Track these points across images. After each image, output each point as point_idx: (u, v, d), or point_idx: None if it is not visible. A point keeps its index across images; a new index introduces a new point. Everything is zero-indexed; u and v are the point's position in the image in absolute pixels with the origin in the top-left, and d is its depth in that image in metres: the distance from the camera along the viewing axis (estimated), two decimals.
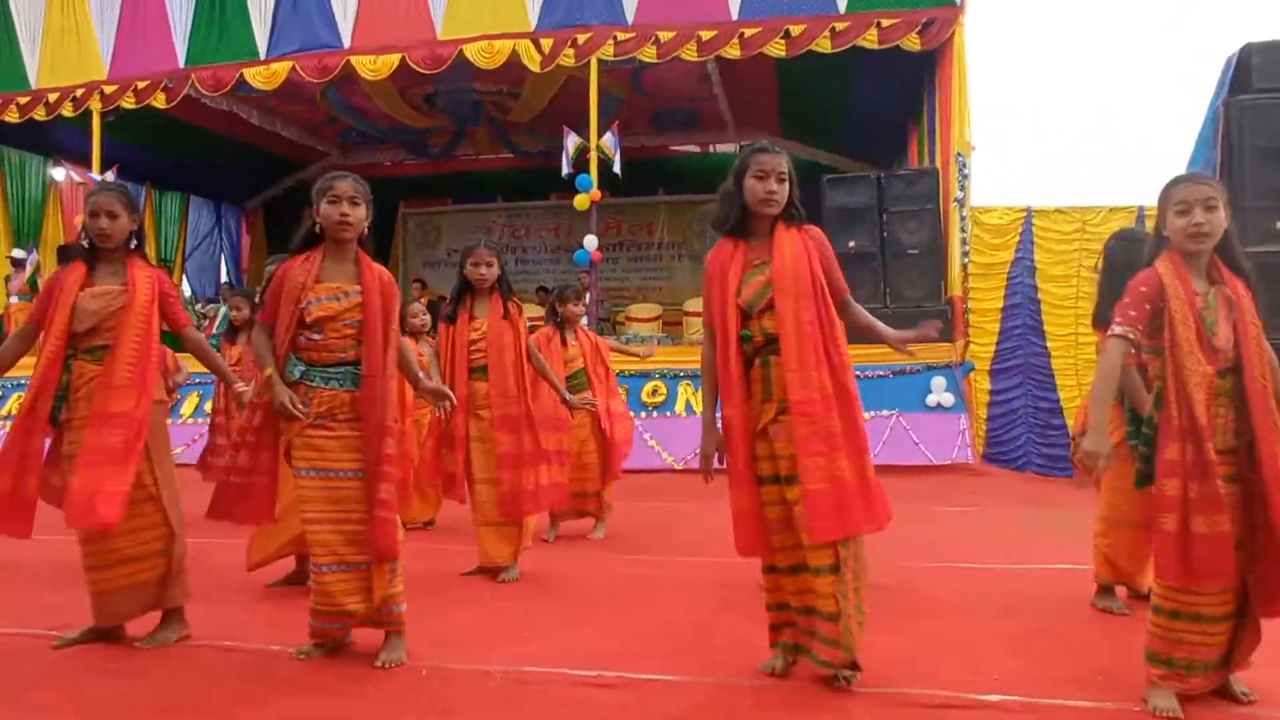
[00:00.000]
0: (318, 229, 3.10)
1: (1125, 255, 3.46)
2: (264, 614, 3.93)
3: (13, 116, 10.79)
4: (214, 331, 11.22)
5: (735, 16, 9.17)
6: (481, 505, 4.43)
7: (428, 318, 6.18)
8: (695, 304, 12.18)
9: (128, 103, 10.46)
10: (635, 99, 12.93)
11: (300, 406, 3.03)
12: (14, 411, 9.12)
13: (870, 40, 8.87)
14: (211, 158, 14.33)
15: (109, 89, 10.47)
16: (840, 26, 8.94)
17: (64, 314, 3.16)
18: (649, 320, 12.17)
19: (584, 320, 11.56)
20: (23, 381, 7.48)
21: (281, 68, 9.99)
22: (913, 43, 8.82)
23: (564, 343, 5.46)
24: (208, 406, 7.71)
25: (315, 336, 3.07)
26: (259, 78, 10.05)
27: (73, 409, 3.21)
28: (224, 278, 16.75)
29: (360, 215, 3.07)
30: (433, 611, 3.78)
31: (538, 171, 15.56)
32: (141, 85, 10.38)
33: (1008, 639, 3.47)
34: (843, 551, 2.76)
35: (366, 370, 3.06)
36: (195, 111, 10.66)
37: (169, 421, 3.84)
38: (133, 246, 3.32)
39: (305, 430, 3.05)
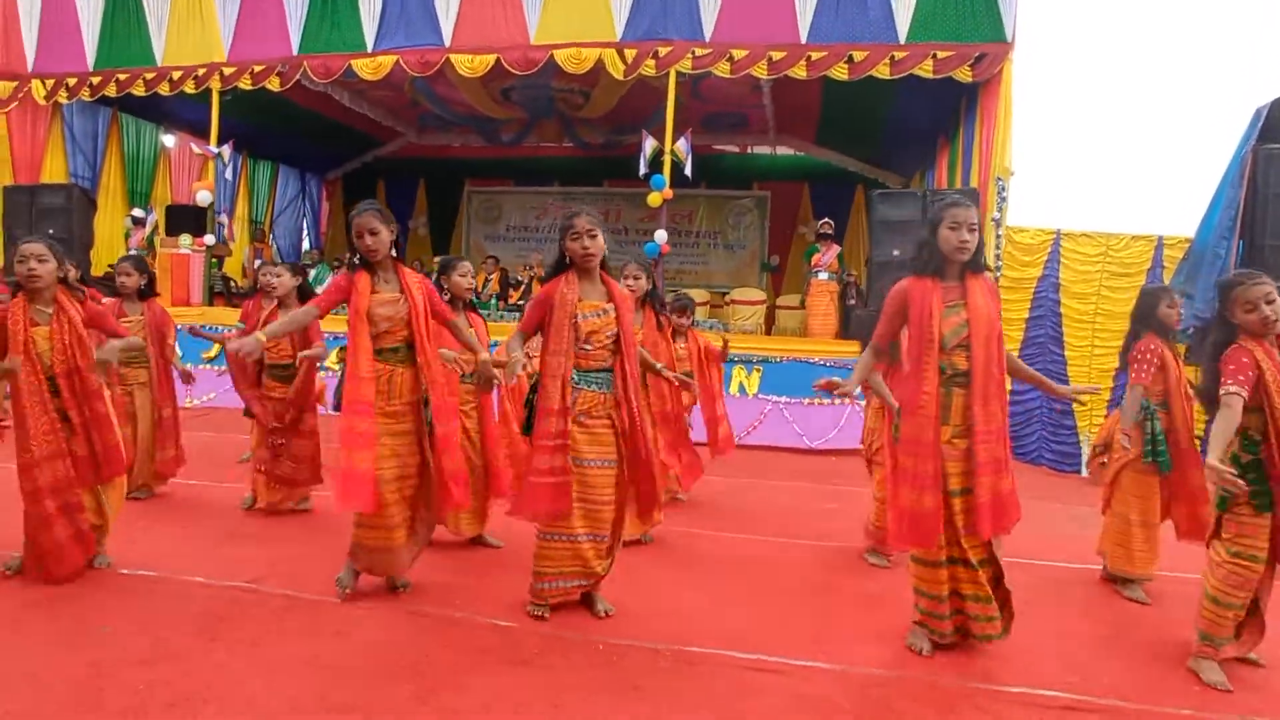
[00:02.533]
0: (568, 260, 3.40)
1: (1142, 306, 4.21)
2: (477, 585, 3.98)
3: (139, 90, 10.70)
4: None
5: (804, 40, 9.05)
6: None
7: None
8: (740, 293, 12.20)
9: (244, 84, 10.38)
10: (692, 103, 12.80)
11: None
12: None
13: (926, 70, 8.78)
14: (302, 132, 14.23)
15: (228, 70, 10.38)
16: (899, 55, 8.84)
17: (364, 321, 3.46)
18: (700, 304, 12.10)
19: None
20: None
21: (387, 61, 9.89)
22: (964, 74, 8.73)
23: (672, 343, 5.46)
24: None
25: (585, 347, 3.36)
26: (366, 69, 9.96)
27: (389, 401, 3.53)
28: (305, 241, 16.71)
29: (600, 245, 3.37)
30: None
31: (593, 161, 15.51)
32: (258, 69, 10.29)
33: (1098, 641, 3.54)
34: (995, 548, 3.13)
35: (625, 371, 3.45)
36: (294, 90, 10.53)
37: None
38: (394, 256, 3.56)
39: (572, 428, 3.38)
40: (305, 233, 16.84)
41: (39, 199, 10.86)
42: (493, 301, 12.08)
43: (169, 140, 13.40)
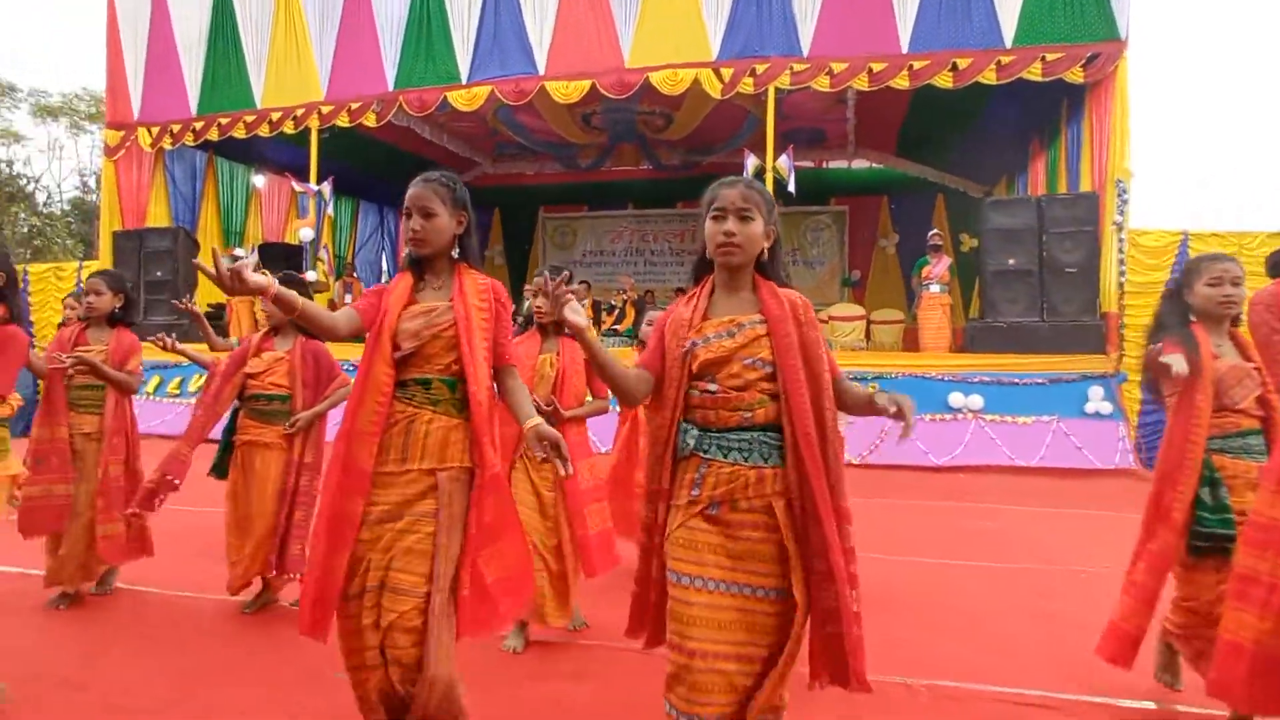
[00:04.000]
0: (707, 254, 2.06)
1: None
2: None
3: (240, 133, 10.95)
4: None
5: (905, 50, 8.89)
6: None
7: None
8: (839, 309, 11.94)
9: (342, 121, 10.55)
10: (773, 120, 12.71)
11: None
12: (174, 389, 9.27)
13: (1034, 73, 8.55)
14: (381, 167, 14.42)
15: (326, 109, 10.57)
16: (1006, 60, 8.62)
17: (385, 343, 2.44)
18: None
19: None
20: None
21: (481, 91, 9.97)
22: (1076, 76, 8.47)
23: None
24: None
25: (708, 389, 1.95)
26: (460, 100, 10.05)
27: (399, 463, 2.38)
28: (384, 275, 16.93)
29: (754, 235, 1.97)
30: None
31: (667, 182, 15.48)
32: (354, 106, 10.45)
33: None
34: None
35: (795, 434, 1.88)
36: (378, 126, 10.66)
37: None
38: (457, 256, 2.39)
39: (688, 522, 1.93)
40: (384, 266, 17.07)
41: (146, 243, 11.17)
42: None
43: (259, 181, 13.70)
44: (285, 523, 3.60)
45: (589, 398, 3.45)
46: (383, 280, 16.47)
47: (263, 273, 2.01)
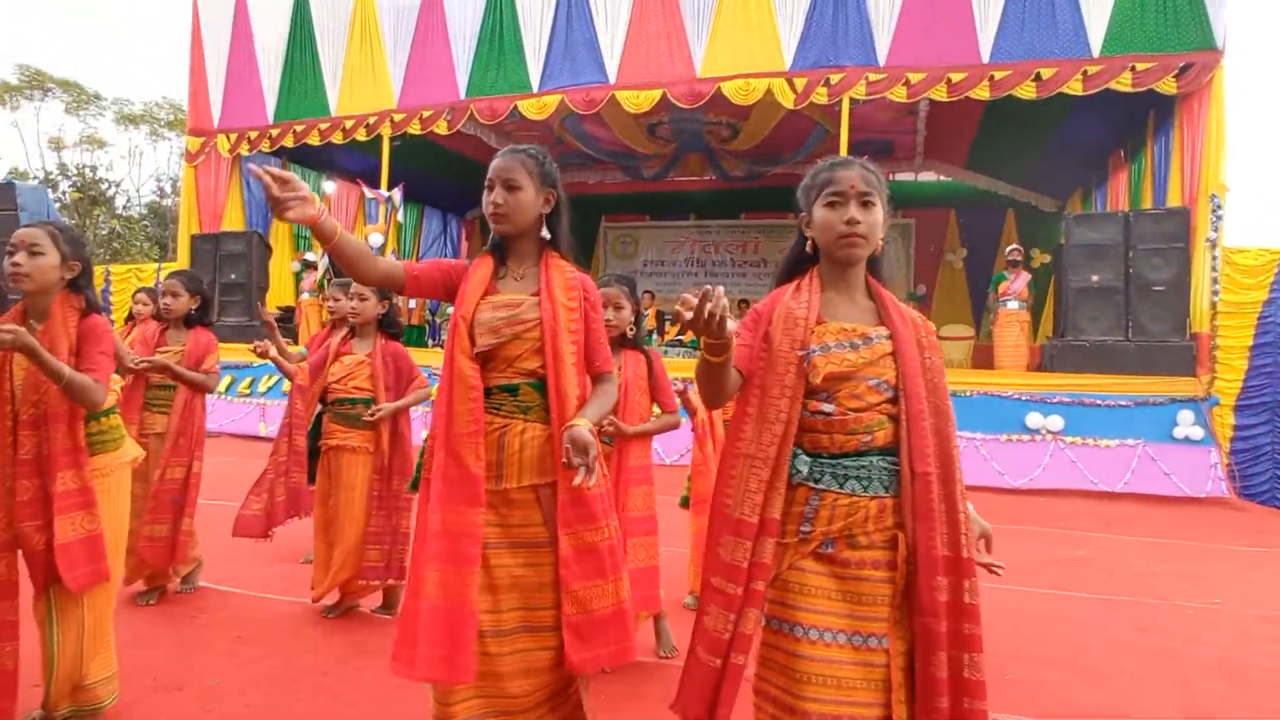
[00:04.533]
0: (809, 248, 1.80)
1: None
2: None
3: (314, 140, 11.16)
4: None
5: (986, 59, 8.63)
6: None
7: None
8: (950, 329, 11.74)
9: (414, 129, 10.66)
10: (839, 131, 12.51)
11: None
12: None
13: (1124, 84, 8.22)
14: (446, 174, 14.59)
15: (398, 117, 10.70)
16: (1093, 70, 8.31)
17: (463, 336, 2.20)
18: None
19: None
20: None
21: (552, 100, 9.98)
22: (1168, 86, 8.12)
23: None
24: None
25: (824, 410, 1.69)
26: (531, 109, 10.07)
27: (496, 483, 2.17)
28: None
29: (874, 226, 1.72)
30: None
31: (730, 193, 15.38)
32: (426, 114, 10.55)
33: None
34: None
35: (913, 474, 1.65)
36: (442, 134, 10.76)
37: None
38: (547, 240, 2.17)
39: (797, 563, 1.68)
40: None
41: (222, 246, 11.43)
42: (651, 337, 11.96)
43: (329, 186, 13.95)
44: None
45: (655, 411, 3.21)
46: None
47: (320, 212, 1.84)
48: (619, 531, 2.06)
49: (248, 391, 10.51)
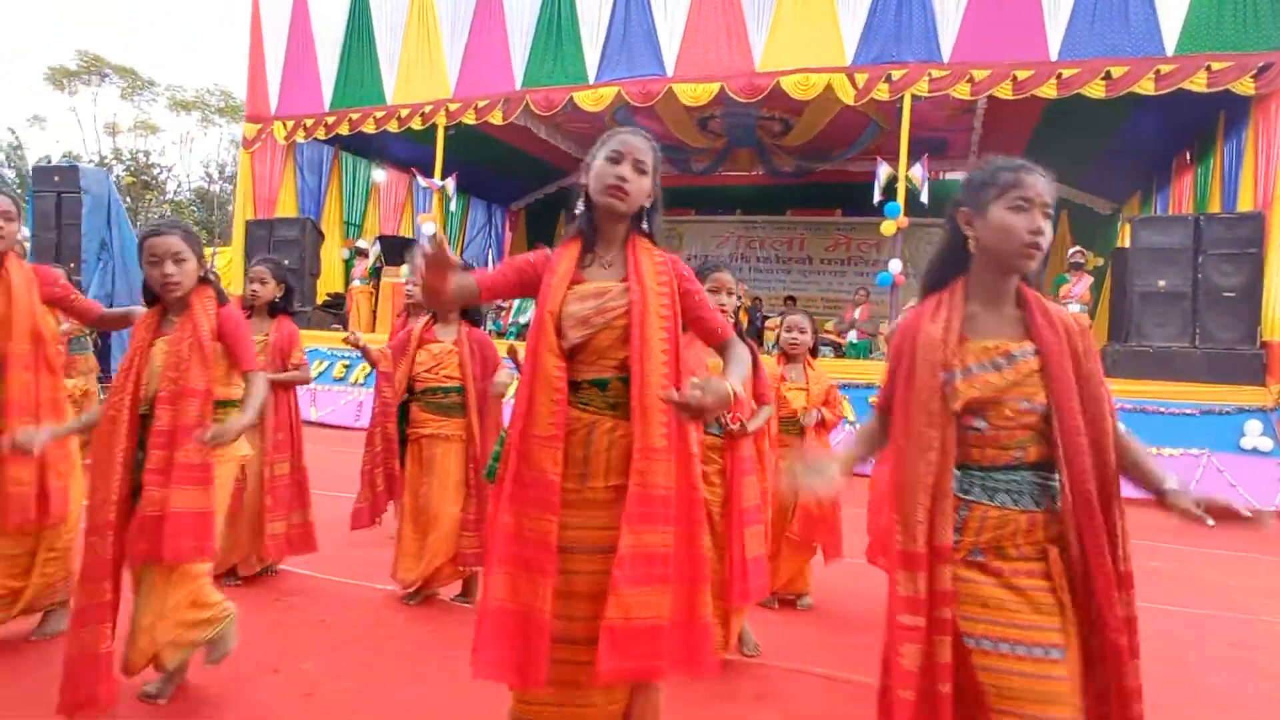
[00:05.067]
0: (960, 250, 1.73)
1: None
2: None
3: (369, 128, 11.23)
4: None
5: (1054, 57, 8.45)
6: None
7: None
8: None
9: (468, 119, 10.68)
10: (895, 128, 12.34)
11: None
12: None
13: (1198, 83, 7.99)
14: (494, 164, 14.61)
15: (453, 106, 10.73)
16: (1166, 69, 8.09)
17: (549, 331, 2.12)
18: None
19: (852, 336, 11.12)
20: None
21: (608, 92, 9.95)
22: (1245, 87, 7.89)
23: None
24: None
25: (976, 426, 1.66)
26: (588, 100, 10.05)
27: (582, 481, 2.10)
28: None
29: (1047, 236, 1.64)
30: None
31: (776, 188, 15.24)
32: (481, 104, 10.58)
33: None
34: None
35: (1073, 493, 1.60)
36: (494, 124, 10.75)
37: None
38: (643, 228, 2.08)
39: (960, 574, 1.65)
40: (490, 263, 17.30)
41: (276, 232, 11.55)
42: None
43: (379, 175, 14.05)
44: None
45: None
46: None
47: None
48: (688, 539, 1.93)
49: (342, 375, 10.33)
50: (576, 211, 2.04)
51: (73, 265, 11.29)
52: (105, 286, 11.40)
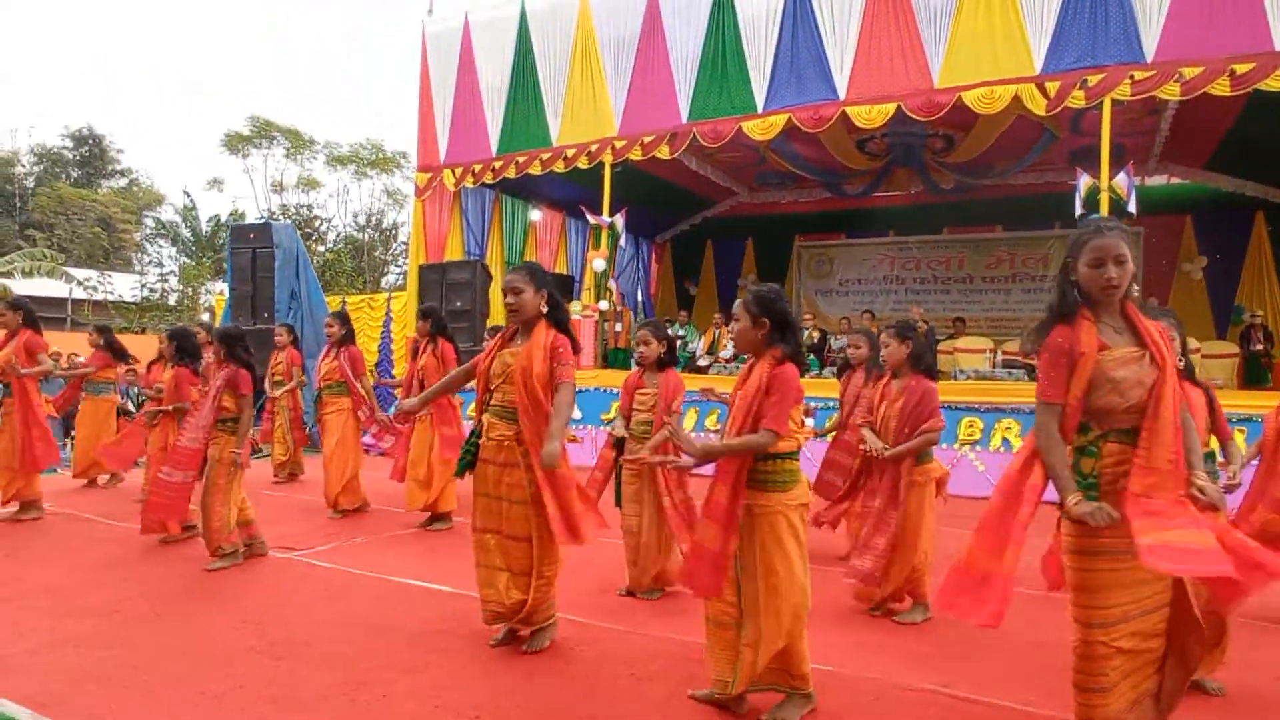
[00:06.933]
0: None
1: None
2: None
3: (535, 170, 11.48)
4: None
5: (1279, 46, 7.71)
6: None
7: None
8: (1211, 346, 10.75)
9: (635, 155, 10.76)
10: (1068, 138, 11.66)
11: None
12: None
13: None
14: (642, 197, 14.69)
15: (619, 144, 10.84)
16: None
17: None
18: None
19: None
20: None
21: (778, 120, 9.81)
22: None
23: None
24: None
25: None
26: (756, 130, 9.94)
27: None
28: (639, 305, 17.22)
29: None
30: None
31: (930, 207, 14.66)
32: (647, 140, 10.63)
33: None
34: None
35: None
36: (645, 159, 10.78)
37: None
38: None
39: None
40: (640, 298, 17.38)
41: (449, 275, 11.94)
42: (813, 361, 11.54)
43: (535, 215, 14.39)
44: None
45: None
46: (640, 313, 16.74)
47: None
48: None
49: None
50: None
51: (267, 315, 12.06)
52: (295, 333, 12.08)
